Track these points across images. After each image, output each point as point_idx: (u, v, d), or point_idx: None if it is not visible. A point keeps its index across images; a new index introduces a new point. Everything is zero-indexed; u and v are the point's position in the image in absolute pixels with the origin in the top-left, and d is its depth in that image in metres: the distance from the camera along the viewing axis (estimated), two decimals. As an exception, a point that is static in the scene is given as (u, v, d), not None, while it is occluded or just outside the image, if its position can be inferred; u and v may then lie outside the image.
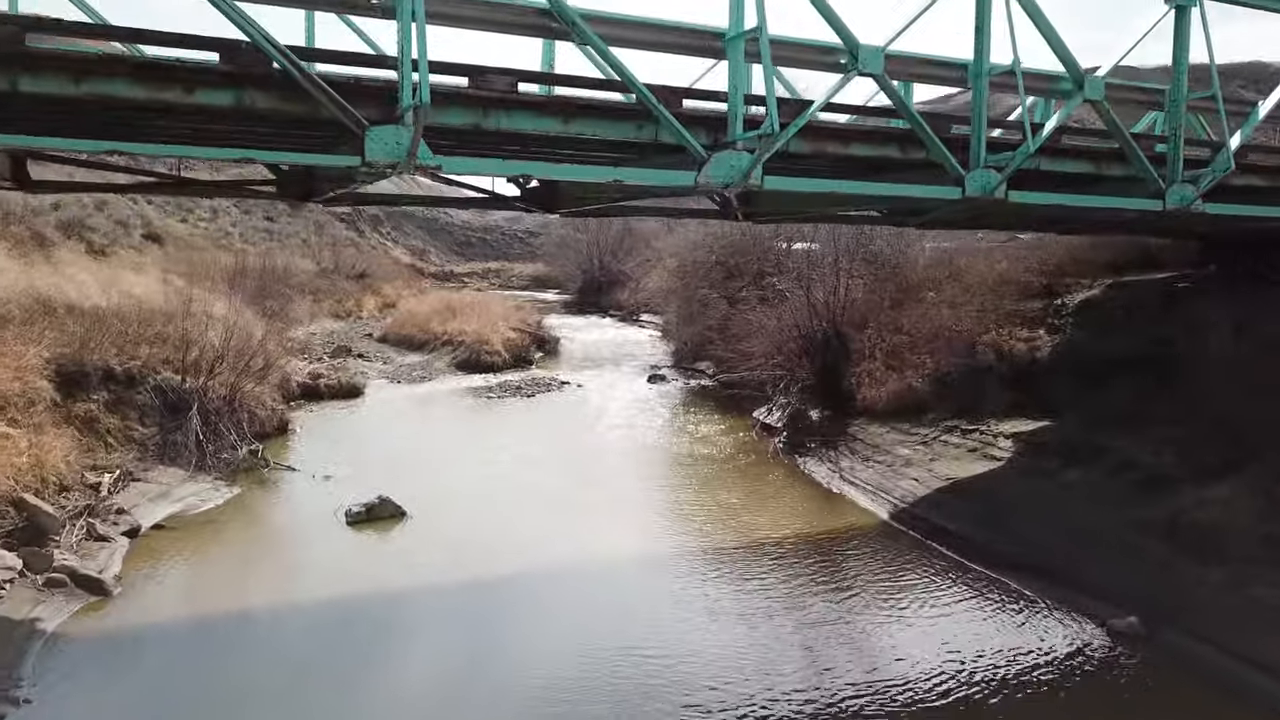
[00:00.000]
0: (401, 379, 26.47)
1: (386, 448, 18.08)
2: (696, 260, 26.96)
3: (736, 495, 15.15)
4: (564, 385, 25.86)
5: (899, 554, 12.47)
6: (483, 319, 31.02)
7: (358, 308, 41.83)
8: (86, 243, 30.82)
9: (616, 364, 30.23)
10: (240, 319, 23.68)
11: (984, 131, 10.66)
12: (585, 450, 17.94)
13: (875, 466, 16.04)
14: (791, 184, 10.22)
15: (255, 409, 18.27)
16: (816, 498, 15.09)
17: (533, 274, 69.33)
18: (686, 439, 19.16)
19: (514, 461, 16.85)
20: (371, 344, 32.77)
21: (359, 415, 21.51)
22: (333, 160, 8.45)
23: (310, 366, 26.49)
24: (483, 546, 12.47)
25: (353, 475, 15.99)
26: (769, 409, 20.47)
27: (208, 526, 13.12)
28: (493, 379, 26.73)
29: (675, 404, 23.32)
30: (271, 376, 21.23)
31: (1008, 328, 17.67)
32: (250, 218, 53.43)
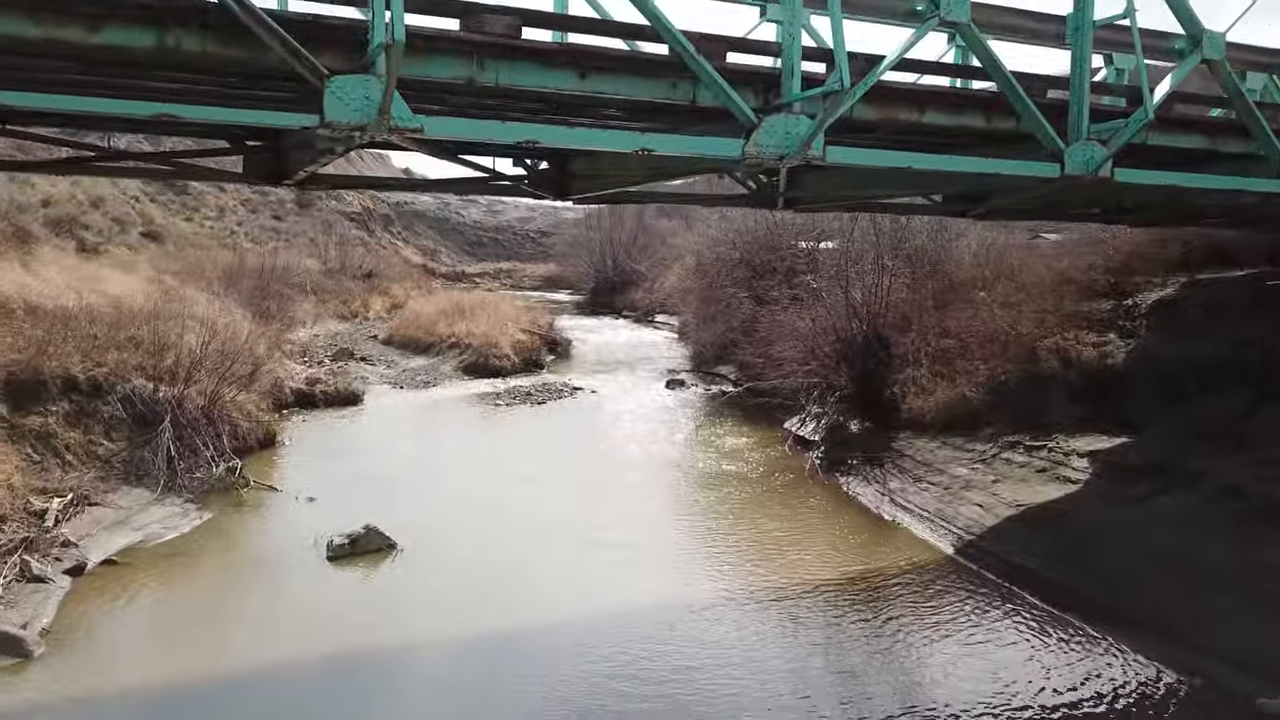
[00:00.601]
0: (404, 384, 24.56)
1: (381, 464, 16.15)
2: (718, 257, 24.97)
3: (776, 523, 13.12)
4: (576, 391, 23.90)
5: (972, 598, 10.44)
6: (491, 320, 29.10)
7: (364, 308, 39.99)
8: (78, 240, 29.08)
9: (632, 368, 28.26)
10: (229, 320, 21.86)
11: (1087, 96, 8.68)
12: (601, 467, 15.97)
13: (930, 489, 13.99)
14: (860, 156, 8.24)
15: (238, 420, 16.38)
16: (867, 526, 13.07)
17: (545, 274, 67.47)
18: (713, 454, 17.16)
19: (521, 481, 14.88)
20: (375, 346, 30.90)
21: (355, 425, 19.60)
22: (282, 119, 6.53)
23: (308, 371, 24.63)
24: (481, 589, 10.51)
25: (341, 497, 14.08)
26: (801, 419, 18.45)
27: (167, 561, 11.21)
28: (501, 384, 24.80)
29: (697, 412, 21.33)
30: (261, 382, 19.37)
31: (1072, 331, 15.59)
32: (257, 216, 51.73)
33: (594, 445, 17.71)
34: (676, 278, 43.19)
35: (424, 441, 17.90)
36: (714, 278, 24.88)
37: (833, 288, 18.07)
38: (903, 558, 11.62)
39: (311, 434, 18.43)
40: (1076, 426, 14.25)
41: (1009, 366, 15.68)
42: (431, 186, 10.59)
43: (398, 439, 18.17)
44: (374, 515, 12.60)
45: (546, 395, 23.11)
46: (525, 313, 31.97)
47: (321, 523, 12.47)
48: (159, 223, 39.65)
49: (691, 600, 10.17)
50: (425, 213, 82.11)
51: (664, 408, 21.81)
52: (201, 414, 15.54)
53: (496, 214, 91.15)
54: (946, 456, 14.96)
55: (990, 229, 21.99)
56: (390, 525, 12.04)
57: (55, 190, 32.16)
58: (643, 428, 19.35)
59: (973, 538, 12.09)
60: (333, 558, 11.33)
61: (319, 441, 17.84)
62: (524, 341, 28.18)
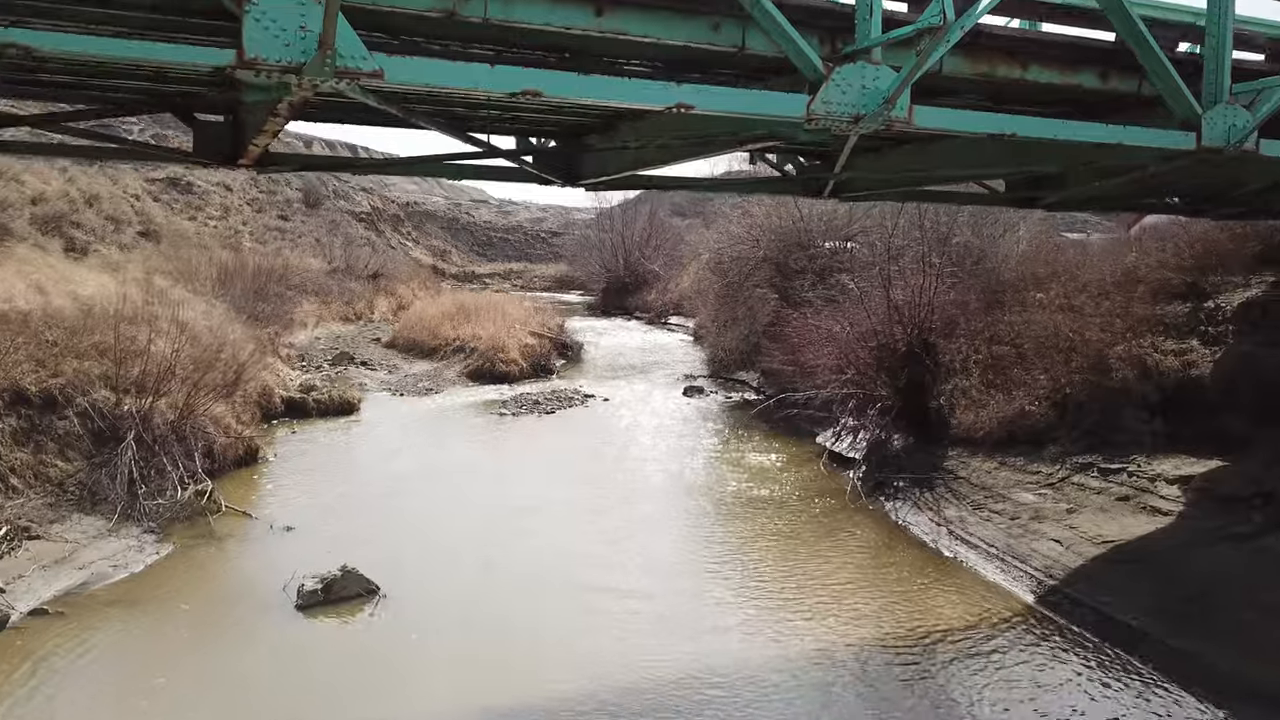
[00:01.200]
0: (405, 391, 22.74)
1: (370, 485, 14.31)
2: (739, 256, 23.06)
3: (821, 563, 11.16)
4: (588, 399, 22.03)
5: (1066, 664, 8.52)
6: (499, 323, 27.25)
7: (369, 310, 38.25)
8: (67, 240, 27.38)
9: (646, 373, 26.37)
10: (212, 323, 20.10)
11: (1228, 47, 6.81)
12: (615, 492, 14.05)
13: (995, 519, 12.05)
14: (955, 120, 6.32)
15: (214, 435, 14.56)
16: (926, 565, 11.11)
17: (555, 275, 65.69)
18: (740, 474, 15.23)
19: (524, 509, 12.99)
20: (378, 350, 29.11)
21: (348, 438, 17.77)
22: (182, 54, 4.68)
23: (303, 377, 22.85)
24: (472, 651, 8.66)
25: (322, 525, 12.27)
26: (835, 433, 16.54)
27: (105, 612, 9.37)
28: (507, 391, 22.96)
29: (719, 424, 19.41)
30: (246, 391, 17.57)
31: (1148, 337, 13.63)
32: (263, 216, 50.05)
33: (607, 464, 15.80)
34: (692, 278, 41.30)
35: (420, 458, 16.04)
36: (734, 278, 22.96)
37: (871, 289, 16.13)
38: (975, 608, 9.68)
39: (299, 448, 16.60)
40: (1158, 446, 12.33)
41: (1074, 377, 13.73)
42: (412, 167, 8.75)
43: (392, 455, 16.31)
44: (356, 549, 10.80)
45: (556, 404, 21.24)
46: (534, 315, 30.11)
47: (297, 558, 10.65)
48: (158, 222, 37.95)
49: (727, 667, 8.28)
50: (435, 213, 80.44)
51: (683, 418, 19.91)
52: (171, 429, 13.72)
53: (507, 214, 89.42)
54: (1008, 479, 13.02)
55: (1036, 224, 20.07)
56: (373, 563, 10.21)
57: (49, 188, 30.51)
58: (660, 442, 17.45)
59: (1055, 582, 10.13)
60: (303, 607, 9.48)
61: (306, 457, 16.01)
62: (532, 345, 26.33)
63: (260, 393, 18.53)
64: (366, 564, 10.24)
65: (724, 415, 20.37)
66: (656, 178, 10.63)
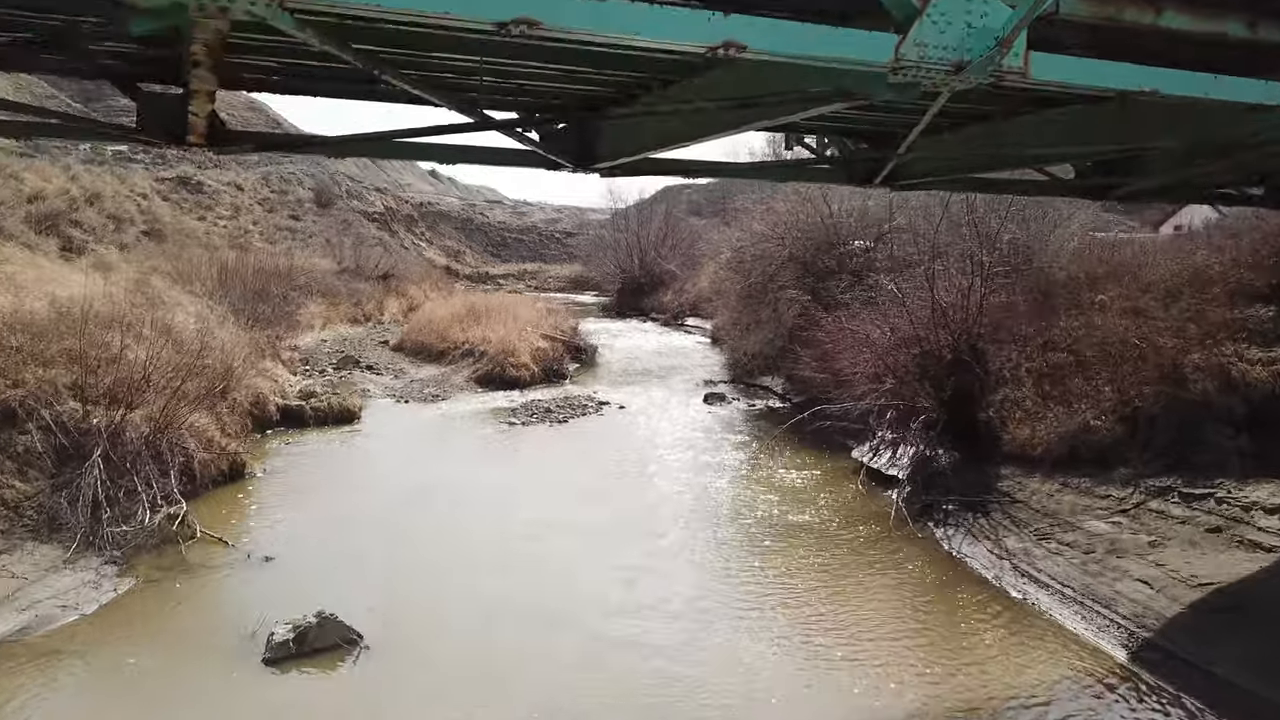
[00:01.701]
0: (410, 397, 21.35)
1: (364, 507, 12.89)
2: (763, 255, 21.52)
3: (876, 607, 9.57)
4: (603, 406, 20.57)
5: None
6: (509, 325, 25.84)
7: (378, 311, 36.99)
8: (63, 239, 26.18)
9: (663, 378, 24.89)
10: (206, 325, 18.77)
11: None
12: (635, 515, 12.56)
13: (1065, 552, 10.48)
14: (1082, 72, 4.80)
15: (195, 449, 13.20)
16: (992, 608, 9.57)
17: (569, 275, 64.36)
18: (771, 495, 13.71)
19: (532, 537, 11.53)
20: (385, 353, 27.77)
21: (345, 450, 16.37)
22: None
23: (303, 383, 21.53)
24: None
25: (306, 555, 10.87)
26: (873, 448, 15.01)
27: (44, 664, 7.97)
28: (518, 397, 21.53)
29: (744, 435, 17.88)
30: (236, 398, 16.23)
31: (1229, 344, 12.04)
32: (274, 215, 48.97)
33: (625, 483, 14.31)
34: (709, 278, 39.79)
35: (420, 475, 14.62)
36: (758, 279, 21.42)
37: (912, 290, 14.59)
38: (1059, 667, 8.13)
39: (291, 462, 15.21)
40: (1247, 468, 10.75)
41: (1144, 389, 12.15)
42: (387, 145, 7.30)
43: (390, 471, 14.90)
44: (340, 586, 9.43)
45: (569, 411, 19.79)
46: (547, 316, 28.67)
47: (272, 597, 9.27)
48: (165, 221, 36.85)
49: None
50: (450, 213, 79.28)
51: (704, 428, 18.41)
52: (145, 444, 12.35)
53: (522, 215, 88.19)
54: (1074, 504, 11.45)
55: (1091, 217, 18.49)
56: (356, 605, 8.82)
57: (48, 186, 29.37)
58: (681, 457, 15.95)
59: (1149, 635, 8.57)
60: (271, 660, 8.06)
61: (298, 473, 14.62)
62: (545, 349, 24.89)
63: (253, 401, 17.18)
64: (350, 604, 8.85)
65: (748, 425, 18.85)
66: (681, 162, 9.14)
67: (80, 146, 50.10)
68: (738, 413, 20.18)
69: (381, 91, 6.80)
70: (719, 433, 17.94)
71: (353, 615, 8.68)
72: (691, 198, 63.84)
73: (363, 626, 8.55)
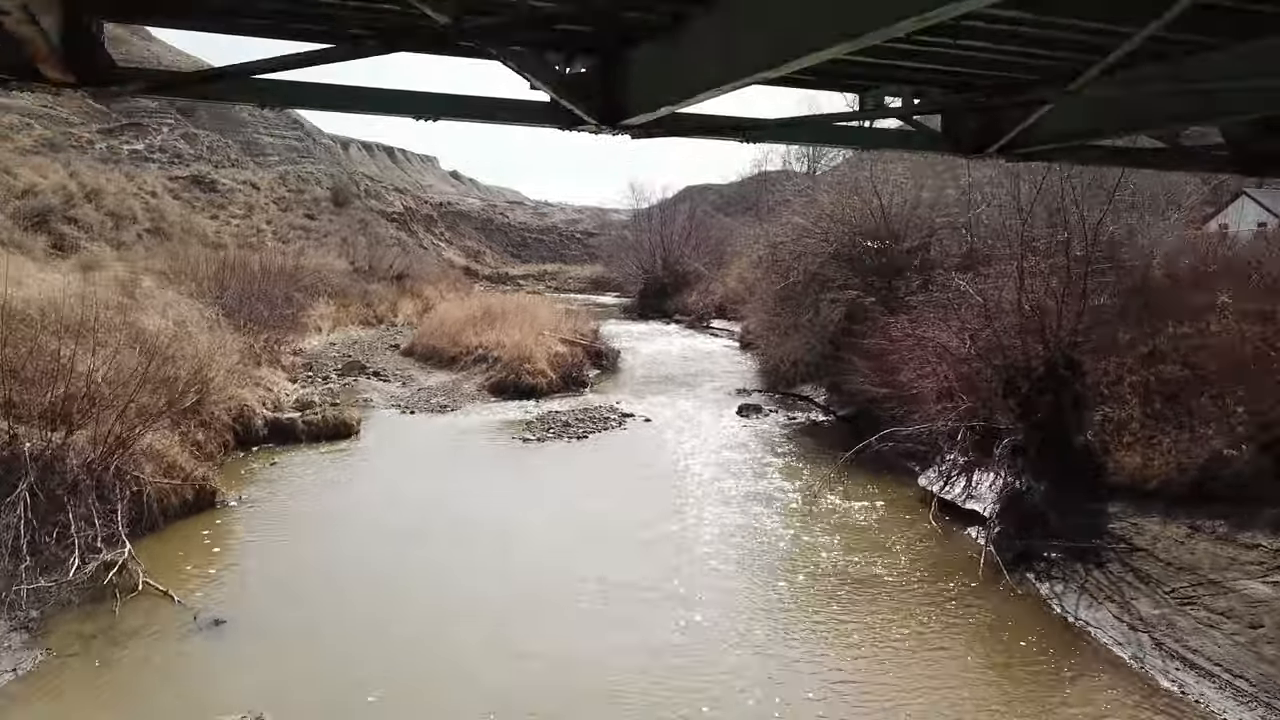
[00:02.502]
0: (417, 407, 19.18)
1: (347, 549, 10.68)
2: (805, 252, 19.14)
3: (978, 695, 7.29)
4: (626, 419, 18.30)
5: None
6: (526, 328, 23.61)
7: (391, 313, 34.93)
8: (55, 236, 24.27)
9: (691, 386, 22.58)
10: (191, 329, 16.70)
11: None
12: (668, 563, 10.25)
13: (1220, 624, 8.06)
14: None
15: (152, 476, 11.06)
16: (1137, 705, 7.20)
17: (590, 276, 62.19)
18: (831, 533, 11.37)
19: (545, 595, 9.27)
20: (394, 358, 25.64)
21: (336, 472, 14.19)
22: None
23: (301, 391, 19.41)
24: None
25: (265, 616, 8.68)
26: (944, 474, 12.64)
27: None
28: (533, 408, 19.31)
29: (786, 454, 15.54)
30: (213, 413, 14.12)
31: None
32: (288, 215, 47.08)
33: (654, 516, 12.01)
34: (736, 279, 37.47)
35: (417, 505, 12.42)
36: (798, 278, 19.04)
37: (991, 290, 12.20)
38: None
39: (272, 489, 13.05)
40: None
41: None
42: (367, 99, 5.12)
43: (384, 499, 12.69)
44: (295, 672, 7.21)
45: (589, 425, 17.53)
46: (566, 319, 26.41)
47: (213, 681, 7.11)
48: (172, 219, 34.97)
49: None
50: (470, 213, 77.41)
51: (740, 446, 16.08)
52: (88, 472, 10.25)
53: (543, 216, 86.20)
54: (1214, 556, 9.04)
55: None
56: (310, 703, 6.60)
57: (44, 181, 27.49)
58: (717, 482, 13.63)
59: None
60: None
61: (278, 501, 12.46)
62: (563, 354, 22.64)
63: (236, 414, 15.07)
64: (303, 699, 6.64)
65: (790, 442, 16.51)
66: (735, 119, 6.83)
67: (96, 145, 48.75)
68: (776, 427, 17.83)
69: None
70: (758, 452, 15.60)
71: (309, 706, 6.48)
72: (719, 193, 61.49)
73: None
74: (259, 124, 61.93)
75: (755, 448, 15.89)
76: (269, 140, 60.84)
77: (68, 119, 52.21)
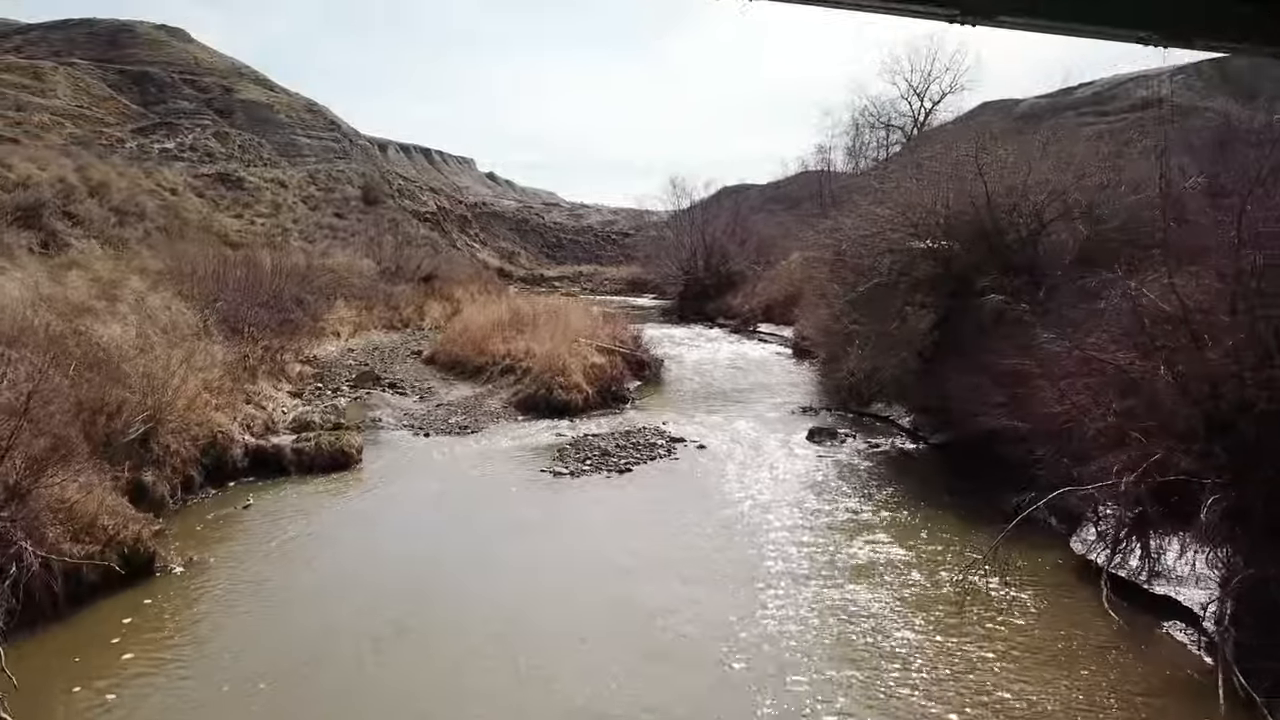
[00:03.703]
0: (433, 428, 16.13)
1: (313, 647, 7.59)
2: (889, 248, 15.71)
3: None
4: (676, 445, 15.08)
5: None
6: (558, 335, 20.50)
7: (418, 316, 32.05)
8: (45, 233, 21.66)
9: (746, 402, 19.30)
10: (170, 337, 13.83)
11: None
12: (750, 678, 7.03)
13: None
14: None
15: (56, 541, 8.08)
16: None
17: (626, 277, 59.03)
18: (973, 631, 8.03)
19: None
20: (414, 367, 22.69)
21: (321, 521, 11.12)
22: None
23: (301, 409, 16.47)
24: None
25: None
26: (1107, 537, 9.25)
27: None
28: (567, 430, 16.17)
29: (882, 499, 12.16)
30: (168, 445, 11.17)
31: None
32: (317, 214, 44.51)
33: (723, 595, 8.77)
34: (785, 280, 34.09)
35: (417, 570, 9.32)
36: (886, 276, 15.62)
37: (1195, 295, 8.77)
38: None
39: (235, 546, 10.02)
40: None
41: None
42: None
43: (375, 562, 9.61)
44: None
45: (633, 454, 14.34)
46: (603, 324, 23.23)
47: None
48: (188, 217, 32.40)
49: None
50: (505, 214, 74.62)
51: (820, 484, 12.78)
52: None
53: (579, 217, 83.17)
54: None
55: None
56: None
57: (42, 174, 24.97)
58: (802, 544, 10.31)
59: None
60: None
61: (239, 567, 9.41)
62: (600, 365, 19.46)
63: (207, 444, 12.11)
64: None
65: (879, 478, 13.16)
66: None
67: (127, 144, 46.71)
68: (857, 456, 14.49)
69: None
70: (844, 493, 12.28)
71: None
72: (755, 196, 57.99)
73: None
74: (296, 125, 59.72)
75: (839, 487, 12.57)
76: (306, 141, 58.66)
77: (103, 119, 50.35)
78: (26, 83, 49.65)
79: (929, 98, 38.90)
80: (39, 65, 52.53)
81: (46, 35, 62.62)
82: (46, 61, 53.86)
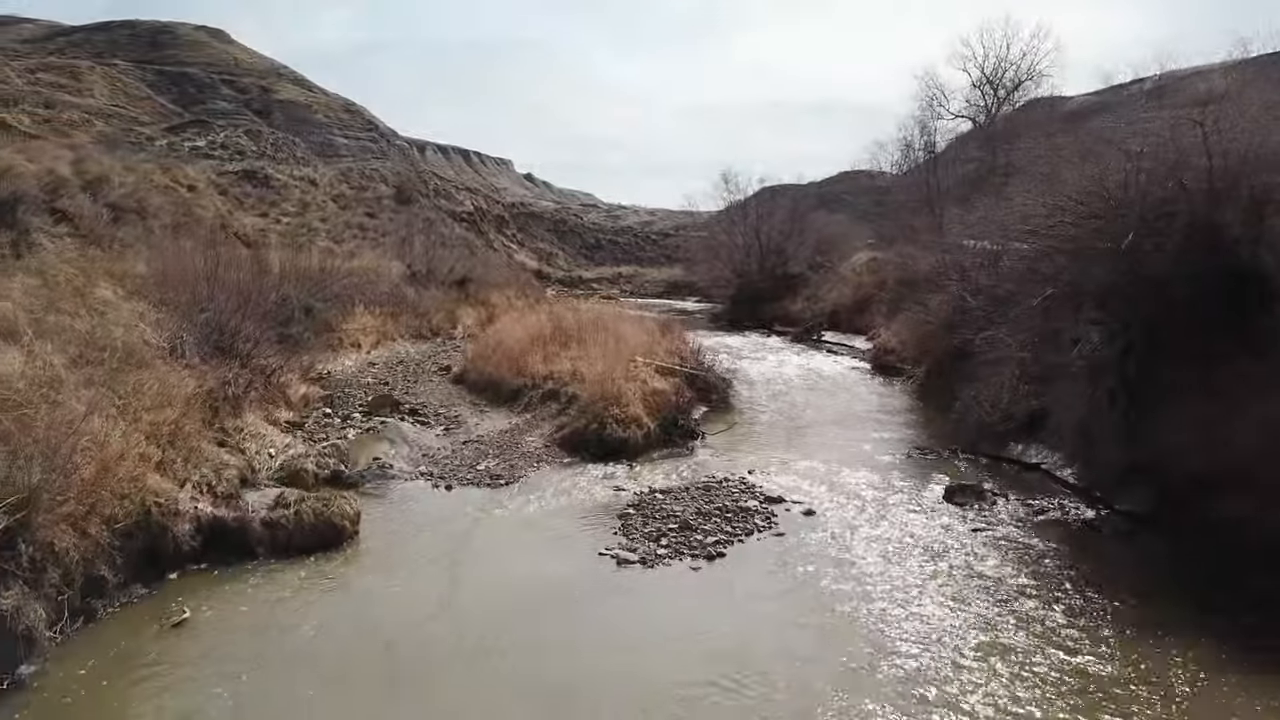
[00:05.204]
0: (457, 477, 12.30)
1: None
2: (1052, 249, 11.48)
3: None
4: (772, 507, 11.06)
5: None
6: (610, 352, 16.59)
7: (449, 323, 28.40)
8: (19, 229, 18.27)
9: (840, 437, 15.25)
10: (50, 373, 10.11)
11: None
12: None
13: None
14: None
15: None
16: None
17: (668, 279, 55.09)
18: None
19: None
20: (441, 387, 18.95)
21: (286, 647, 7.32)
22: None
23: (295, 448, 12.74)
24: None
25: None
26: None
27: None
28: (626, 480, 12.26)
29: (1101, 608, 8.09)
30: (44, 542, 7.42)
31: None
32: (347, 213, 41.08)
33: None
34: (855, 282, 29.94)
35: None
36: (1040, 288, 11.48)
37: None
38: None
39: (136, 709, 6.26)
40: None
41: None
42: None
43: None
44: None
45: (720, 523, 10.37)
46: (659, 338, 19.22)
47: None
48: (201, 215, 29.03)
49: None
50: (543, 215, 71.00)
51: (992, 584, 8.69)
52: None
53: (616, 218, 79.31)
54: None
55: None
56: None
57: (29, 166, 21.64)
58: (991, 689, 6.35)
59: None
60: None
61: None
62: (662, 391, 15.49)
63: (134, 525, 8.36)
64: None
65: (1057, 560, 9.03)
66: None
67: (157, 142, 43.92)
68: (1021, 529, 10.35)
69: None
70: (1023, 595, 8.15)
71: None
72: (794, 195, 53.64)
73: None
74: (333, 125, 56.81)
75: (1027, 588, 8.43)
76: (343, 141, 55.77)
77: (137, 118, 47.51)
78: (63, 82, 47.12)
79: (1003, 85, 34.32)
80: (76, 65, 50.15)
81: (90, 37, 60.56)
82: (85, 61, 51.50)
